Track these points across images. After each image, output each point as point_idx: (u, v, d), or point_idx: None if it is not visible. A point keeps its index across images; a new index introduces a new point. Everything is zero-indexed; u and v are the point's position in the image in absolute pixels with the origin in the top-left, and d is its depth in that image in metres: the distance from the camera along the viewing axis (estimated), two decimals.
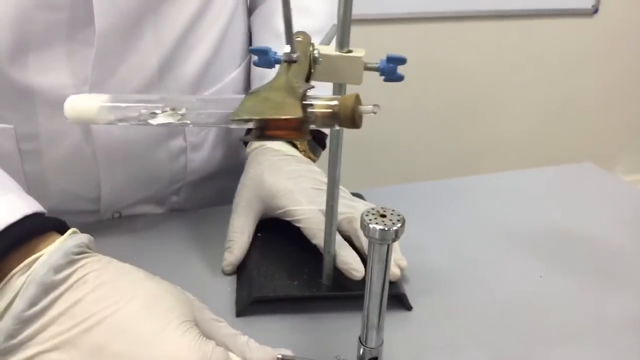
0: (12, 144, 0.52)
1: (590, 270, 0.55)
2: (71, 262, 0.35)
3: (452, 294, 0.52)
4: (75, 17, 0.49)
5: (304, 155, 0.60)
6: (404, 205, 0.63)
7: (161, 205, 0.67)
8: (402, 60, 0.41)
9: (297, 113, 0.29)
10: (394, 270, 0.49)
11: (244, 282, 0.51)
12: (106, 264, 0.37)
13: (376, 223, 0.35)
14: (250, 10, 0.70)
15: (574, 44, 1.80)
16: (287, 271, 0.51)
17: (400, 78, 0.42)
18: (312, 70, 0.38)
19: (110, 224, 0.61)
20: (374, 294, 0.38)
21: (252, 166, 0.57)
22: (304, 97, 0.31)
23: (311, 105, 0.30)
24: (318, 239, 0.50)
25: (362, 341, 0.39)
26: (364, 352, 0.38)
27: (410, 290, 0.50)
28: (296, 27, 0.64)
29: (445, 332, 0.47)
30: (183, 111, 0.33)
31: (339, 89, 0.43)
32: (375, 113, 0.30)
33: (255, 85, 0.66)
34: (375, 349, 0.38)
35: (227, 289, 0.52)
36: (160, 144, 0.60)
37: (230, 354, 0.35)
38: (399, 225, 0.35)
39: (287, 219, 0.53)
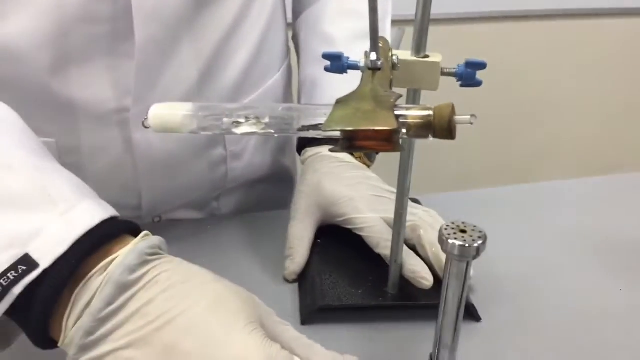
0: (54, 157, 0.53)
1: None
2: (144, 263, 0.35)
3: (520, 304, 0.50)
4: (116, 30, 0.48)
5: (360, 162, 0.59)
6: (463, 211, 0.63)
7: (201, 211, 0.67)
8: (482, 65, 0.39)
9: (391, 124, 0.28)
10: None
11: (307, 290, 0.50)
12: (177, 265, 0.37)
13: (455, 238, 0.34)
14: (295, 15, 0.69)
15: (627, 44, 1.74)
16: (350, 279, 0.50)
17: (478, 84, 0.40)
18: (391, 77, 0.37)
19: (151, 228, 0.61)
20: (449, 312, 0.36)
21: (309, 173, 0.57)
22: (394, 106, 0.30)
23: (404, 115, 0.29)
24: (382, 248, 0.49)
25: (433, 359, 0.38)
26: None
27: (477, 301, 0.49)
28: (346, 29, 0.64)
29: (517, 343, 0.46)
30: (267, 120, 0.32)
31: (413, 95, 0.42)
32: (472, 124, 0.29)
33: (305, 90, 0.65)
34: None
35: (288, 296, 0.51)
36: (201, 153, 0.60)
37: (295, 357, 0.34)
38: (480, 242, 0.34)
39: (349, 227, 0.52)
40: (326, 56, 0.41)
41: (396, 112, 0.29)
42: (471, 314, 0.48)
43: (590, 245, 0.59)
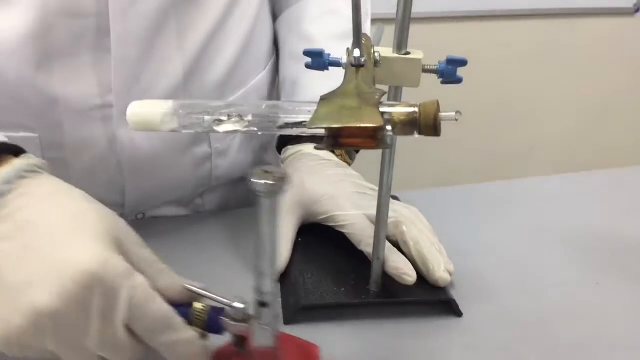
0: (37, 153, 0.52)
1: None
2: (21, 177, 0.37)
3: (501, 300, 0.51)
4: (100, 25, 0.48)
5: (341, 160, 0.59)
6: (445, 208, 0.63)
7: (185, 207, 0.66)
8: (462, 62, 0.40)
9: (377, 121, 0.28)
10: (444, 276, 0.49)
11: (290, 289, 0.50)
12: (51, 180, 0.39)
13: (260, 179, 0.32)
14: (274, 16, 0.69)
15: (615, 44, 1.75)
16: (332, 278, 0.50)
17: (459, 80, 0.41)
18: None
19: (134, 225, 0.60)
20: (265, 244, 0.35)
21: (292, 166, 0.56)
22: (379, 103, 0.29)
23: (389, 112, 0.29)
24: (364, 245, 0.49)
25: (256, 289, 0.37)
26: (257, 297, 0.37)
27: (458, 296, 0.49)
28: (326, 29, 0.64)
29: (498, 338, 0.46)
30: (249, 118, 0.32)
31: (395, 92, 0.42)
32: (457, 120, 0.29)
33: (286, 90, 0.65)
34: (268, 294, 0.37)
35: None
36: (186, 151, 0.59)
37: (136, 273, 0.35)
38: (281, 182, 0.32)
39: (331, 224, 0.52)
40: (307, 53, 0.41)
41: (381, 109, 0.29)
42: (452, 309, 0.48)
43: (570, 241, 0.59)
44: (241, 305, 0.37)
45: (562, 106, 1.82)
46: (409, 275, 0.47)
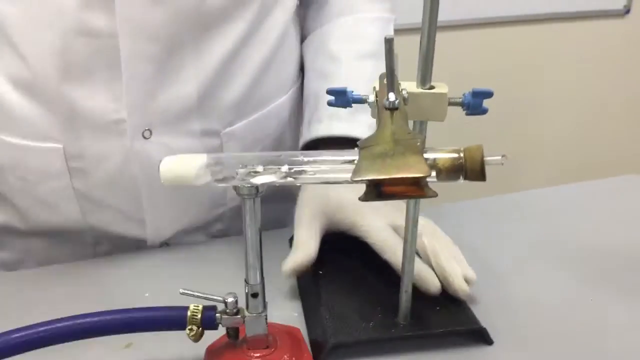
0: (61, 162, 0.55)
1: None
2: None
3: (529, 323, 0.50)
4: (113, 44, 0.50)
5: None
6: (448, 225, 0.63)
7: (207, 234, 0.67)
8: (488, 94, 0.39)
9: (423, 170, 0.27)
10: (463, 286, 0.49)
11: (317, 325, 0.49)
12: None
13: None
14: (302, 37, 0.69)
15: (605, 46, 1.76)
16: (359, 311, 0.49)
17: (484, 111, 0.40)
18: None
19: (159, 253, 0.62)
20: (251, 243, 0.40)
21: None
22: (422, 150, 0.29)
23: (433, 159, 0.29)
24: (389, 255, 0.49)
25: (246, 280, 0.41)
26: (247, 289, 0.41)
27: (487, 324, 0.49)
28: (350, 49, 0.64)
29: None
30: (285, 168, 0.31)
31: (419, 127, 0.41)
32: (502, 164, 0.28)
33: (310, 103, 0.65)
34: (256, 285, 0.41)
35: (292, 312, 0.51)
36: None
37: None
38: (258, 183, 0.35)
39: (355, 233, 0.52)
40: (331, 92, 0.40)
41: (425, 156, 0.29)
42: (484, 338, 0.48)
43: (562, 253, 0.59)
44: (233, 299, 0.41)
45: (553, 112, 1.82)
46: (435, 286, 0.47)
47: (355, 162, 0.30)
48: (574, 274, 0.57)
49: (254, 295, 0.41)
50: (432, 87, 0.39)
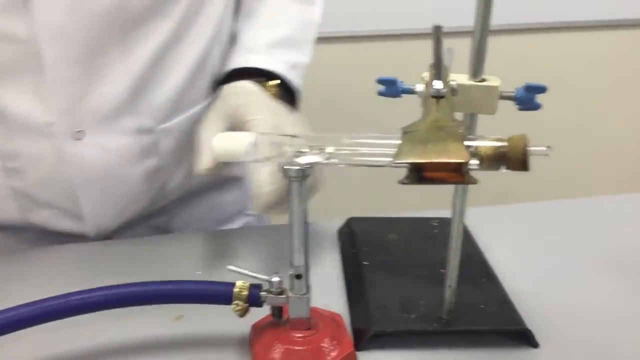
0: None
1: None
2: None
3: (576, 328, 0.49)
4: (34, 50, 0.50)
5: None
6: (499, 227, 0.62)
7: (150, 227, 0.67)
8: (541, 89, 0.39)
9: (463, 156, 0.27)
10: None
11: (359, 314, 0.49)
12: None
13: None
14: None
15: None
16: (402, 303, 0.49)
17: (537, 107, 0.40)
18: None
19: (102, 249, 0.61)
20: (297, 225, 0.40)
21: (218, 97, 0.56)
22: (464, 137, 0.29)
23: (476, 146, 0.29)
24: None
25: (290, 262, 0.42)
26: (292, 270, 0.42)
27: (533, 326, 0.48)
28: (260, 38, 0.63)
29: None
30: (331, 150, 0.32)
31: (470, 120, 0.41)
32: (547, 155, 0.28)
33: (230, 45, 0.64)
34: (300, 267, 0.42)
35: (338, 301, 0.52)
36: (135, 164, 0.60)
37: None
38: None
39: (251, 129, 0.49)
40: (381, 81, 0.41)
41: (467, 143, 0.29)
42: (528, 340, 0.47)
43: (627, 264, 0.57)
44: (278, 279, 0.42)
45: (619, 121, 1.73)
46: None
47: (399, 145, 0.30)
48: (629, 285, 0.55)
49: (298, 277, 0.42)
50: (483, 80, 0.39)
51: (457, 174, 0.28)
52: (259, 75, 0.58)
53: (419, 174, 0.29)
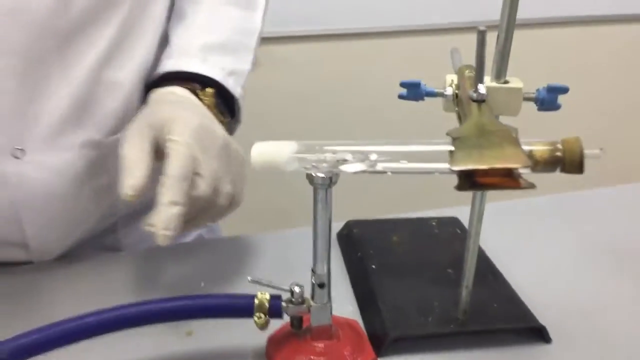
0: None
1: None
2: None
3: (588, 322, 0.50)
4: None
5: (211, 112, 0.54)
6: (497, 223, 0.62)
7: (99, 247, 0.63)
8: (564, 90, 0.39)
9: (523, 161, 0.27)
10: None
11: (375, 318, 0.49)
12: None
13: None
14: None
15: None
16: (416, 305, 0.49)
17: (557, 107, 0.40)
18: None
19: (48, 268, 0.57)
20: (321, 232, 0.40)
21: (147, 104, 0.53)
22: (518, 140, 0.29)
23: (530, 150, 0.29)
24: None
25: (313, 270, 0.42)
26: (314, 279, 0.42)
27: (546, 322, 0.49)
28: (195, 41, 0.58)
29: None
30: (374, 157, 0.31)
31: None
32: (600, 157, 0.28)
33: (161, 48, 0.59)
34: (323, 275, 0.42)
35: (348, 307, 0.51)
36: (83, 184, 0.56)
37: None
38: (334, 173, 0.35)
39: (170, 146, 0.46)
40: (404, 84, 0.40)
41: (522, 147, 0.29)
42: (542, 336, 0.48)
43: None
44: (300, 289, 0.42)
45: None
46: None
47: (447, 152, 0.30)
48: (633, 275, 0.57)
49: (321, 285, 0.42)
50: (506, 82, 0.40)
51: (511, 178, 0.28)
52: (193, 80, 0.55)
53: (472, 180, 0.29)
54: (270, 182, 1.29)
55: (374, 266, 0.54)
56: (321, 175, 0.35)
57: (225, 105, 0.57)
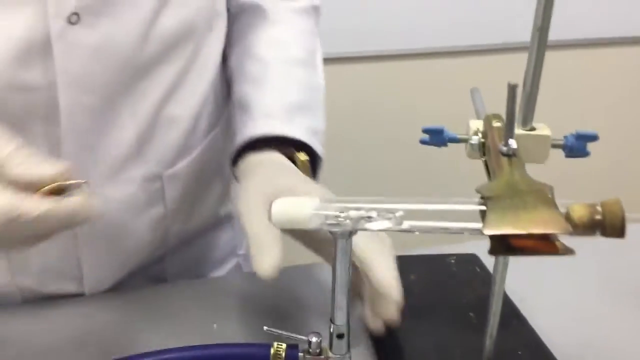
0: None
1: None
2: None
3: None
4: (49, 98, 0.48)
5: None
6: (514, 260, 0.61)
7: (146, 278, 0.63)
8: (593, 137, 0.38)
9: (563, 227, 0.26)
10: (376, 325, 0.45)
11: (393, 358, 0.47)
12: None
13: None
14: (225, 58, 0.66)
15: None
16: (438, 353, 0.48)
17: (586, 154, 0.39)
18: None
19: (98, 301, 0.57)
20: (340, 282, 0.38)
21: (252, 171, 0.51)
22: (554, 202, 0.28)
23: (567, 212, 0.27)
24: (369, 265, 0.44)
25: (332, 320, 0.40)
26: (333, 329, 0.40)
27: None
28: (276, 54, 0.60)
29: None
30: (400, 213, 0.30)
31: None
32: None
33: (238, 111, 0.60)
34: (342, 326, 0.40)
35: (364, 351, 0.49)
36: (140, 213, 0.57)
37: None
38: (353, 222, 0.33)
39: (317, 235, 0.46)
40: (427, 130, 0.39)
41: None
42: None
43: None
44: (318, 339, 0.41)
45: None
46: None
47: (480, 211, 0.28)
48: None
49: (340, 336, 0.40)
50: (533, 129, 0.38)
51: (547, 242, 0.27)
52: (280, 142, 0.54)
53: (507, 244, 0.27)
54: None
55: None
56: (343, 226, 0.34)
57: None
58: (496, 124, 0.35)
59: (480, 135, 0.36)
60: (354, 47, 1.39)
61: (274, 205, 0.31)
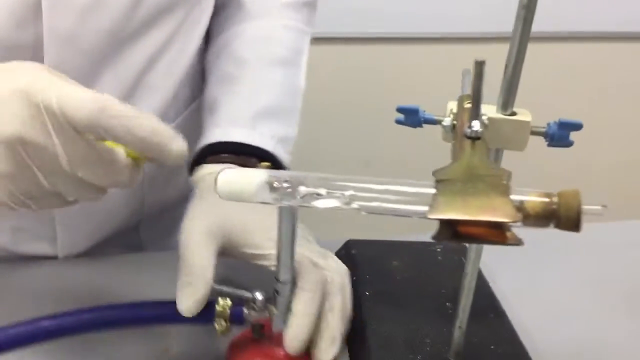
0: None
1: None
2: None
3: None
4: (37, 57, 0.47)
5: None
6: (502, 255, 0.59)
7: (121, 246, 0.63)
8: (577, 126, 0.36)
9: (512, 215, 0.24)
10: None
11: (360, 350, 0.46)
12: None
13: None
14: (208, 43, 0.65)
15: None
16: (406, 340, 0.46)
17: (570, 144, 0.37)
18: None
19: (71, 266, 0.57)
20: (285, 240, 0.38)
21: (206, 192, 0.49)
22: (509, 190, 0.26)
23: (521, 201, 0.25)
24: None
25: (276, 277, 0.41)
26: (277, 286, 0.41)
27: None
28: (258, 53, 0.59)
29: None
30: (350, 192, 0.28)
31: (495, 155, 0.38)
32: (602, 215, 0.25)
33: (206, 110, 0.59)
34: (286, 283, 0.41)
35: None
36: None
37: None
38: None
39: (259, 262, 0.45)
40: (401, 110, 0.37)
41: (512, 197, 0.25)
42: None
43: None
44: (262, 296, 0.41)
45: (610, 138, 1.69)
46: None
47: (431, 194, 0.27)
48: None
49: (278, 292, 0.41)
50: (513, 114, 0.36)
51: (498, 231, 0.25)
52: (242, 150, 0.53)
53: (453, 229, 0.26)
54: None
55: (367, 293, 0.51)
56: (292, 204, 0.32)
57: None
58: (467, 105, 0.33)
59: (451, 116, 0.34)
60: (355, 28, 1.38)
61: (219, 175, 0.30)
